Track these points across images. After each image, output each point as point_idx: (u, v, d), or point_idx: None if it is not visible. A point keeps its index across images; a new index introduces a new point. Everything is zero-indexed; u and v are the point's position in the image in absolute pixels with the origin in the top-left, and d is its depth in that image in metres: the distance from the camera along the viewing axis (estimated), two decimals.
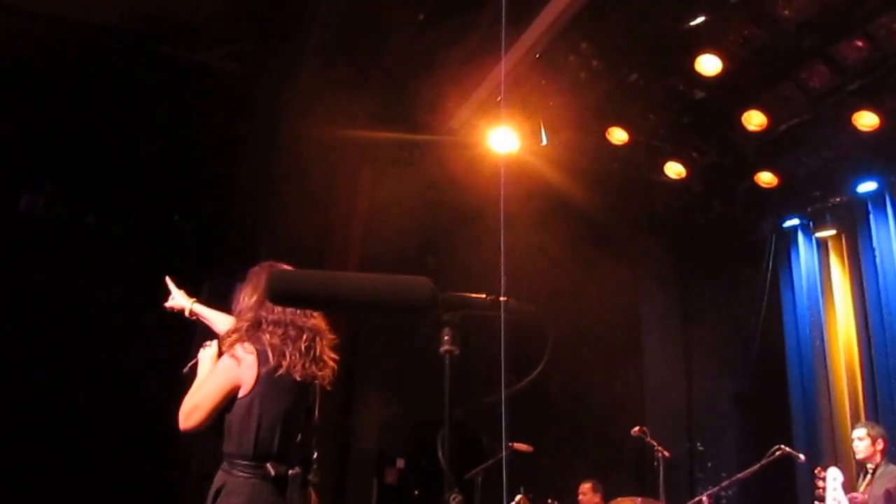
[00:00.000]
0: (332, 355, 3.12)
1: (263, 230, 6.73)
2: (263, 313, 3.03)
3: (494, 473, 7.64)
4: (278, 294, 1.49)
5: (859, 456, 5.42)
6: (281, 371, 2.93)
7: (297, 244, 6.20)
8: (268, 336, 2.98)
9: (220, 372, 2.95)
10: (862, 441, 5.39)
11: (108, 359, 6.65)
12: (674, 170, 7.91)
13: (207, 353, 3.11)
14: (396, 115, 7.16)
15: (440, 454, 1.44)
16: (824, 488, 4.27)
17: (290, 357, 2.96)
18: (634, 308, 9.39)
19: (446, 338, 1.54)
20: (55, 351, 6.54)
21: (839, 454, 6.70)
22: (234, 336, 3.03)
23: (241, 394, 2.93)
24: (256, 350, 2.96)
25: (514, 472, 7.68)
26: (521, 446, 6.92)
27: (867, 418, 7.03)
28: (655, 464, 5.94)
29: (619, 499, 6.67)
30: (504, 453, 3.45)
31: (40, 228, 6.74)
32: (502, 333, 1.92)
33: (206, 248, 7.36)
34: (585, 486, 7.60)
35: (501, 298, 1.59)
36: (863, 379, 7.26)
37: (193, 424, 2.92)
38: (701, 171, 7.90)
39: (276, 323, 3.00)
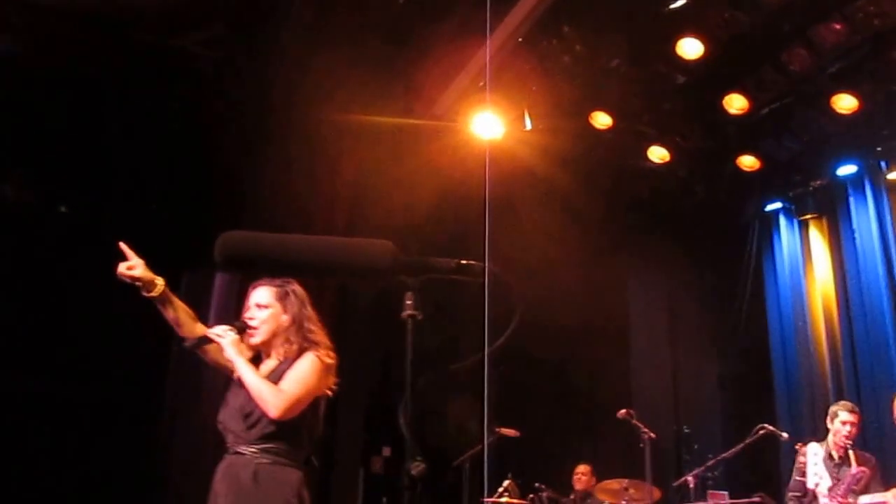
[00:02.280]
0: None
1: (245, 217, 6.68)
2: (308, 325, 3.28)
3: (482, 461, 7.66)
4: (227, 258, 1.46)
5: (848, 440, 5.16)
6: None
7: (280, 230, 6.16)
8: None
9: (320, 373, 3.18)
10: (855, 425, 5.25)
11: (84, 351, 6.60)
12: (657, 154, 7.92)
13: (229, 338, 3.16)
14: (379, 99, 7.12)
15: (401, 421, 1.43)
16: (805, 463, 4.29)
17: None
18: (620, 292, 9.40)
19: (408, 302, 1.53)
20: (29, 342, 6.48)
21: (820, 432, 6.74)
22: (313, 339, 3.26)
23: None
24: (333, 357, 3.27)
25: (502, 457, 7.70)
26: (507, 431, 6.94)
27: (848, 397, 7.08)
28: (642, 446, 5.95)
29: (606, 481, 6.71)
30: (486, 424, 3.49)
31: (11, 218, 6.66)
32: (486, 301, 1.93)
33: (184, 237, 7.31)
34: (583, 468, 7.60)
35: (466, 262, 1.59)
36: (843, 359, 7.32)
37: (291, 416, 3.08)
38: (684, 155, 7.92)
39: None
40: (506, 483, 7.12)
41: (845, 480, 4.54)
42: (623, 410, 6.11)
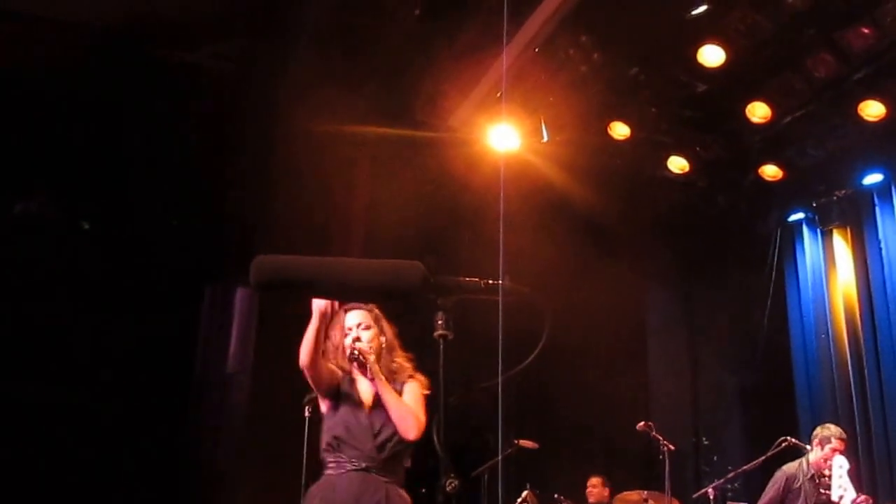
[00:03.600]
0: None
1: (261, 231, 6.70)
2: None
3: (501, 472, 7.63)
4: (264, 281, 1.46)
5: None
6: None
7: (296, 245, 6.19)
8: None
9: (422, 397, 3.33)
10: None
11: (107, 362, 6.65)
12: (677, 164, 7.86)
13: (373, 357, 3.36)
14: (394, 112, 7.12)
15: (436, 439, 1.42)
16: (830, 476, 4.24)
17: None
18: (639, 304, 9.35)
19: (440, 322, 1.52)
20: (54, 354, 6.54)
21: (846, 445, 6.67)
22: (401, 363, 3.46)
23: None
24: None
25: (521, 468, 7.66)
26: (526, 443, 6.91)
27: (872, 411, 7.00)
28: (661, 458, 5.91)
29: (625, 493, 6.65)
30: (500, 437, 3.50)
31: (34, 233, 6.73)
32: (500, 317, 1.91)
33: (204, 251, 7.35)
34: (595, 480, 7.57)
35: (494, 282, 1.57)
36: (868, 370, 7.23)
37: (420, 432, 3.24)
38: (704, 165, 7.85)
39: None
40: (524, 494, 7.10)
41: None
42: (642, 423, 6.07)
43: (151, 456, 6.95)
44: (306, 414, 4.64)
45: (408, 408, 3.23)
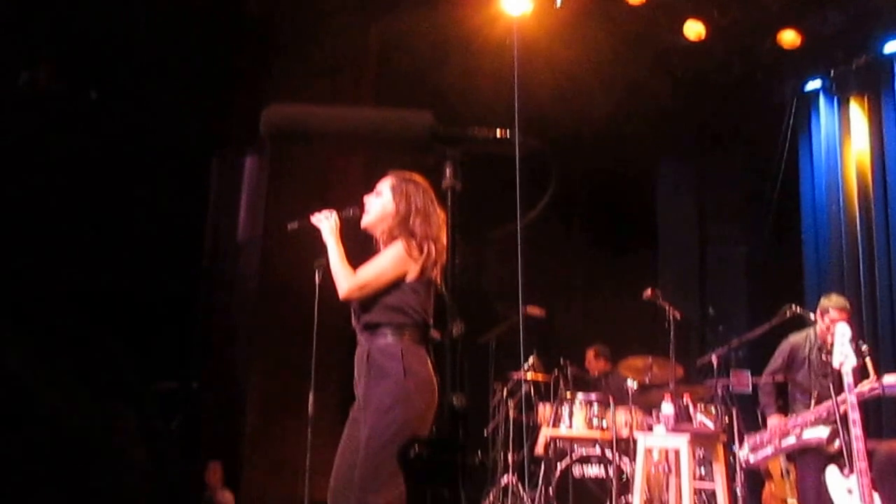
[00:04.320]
0: None
1: (269, 96, 6.63)
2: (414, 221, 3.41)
3: (507, 338, 7.81)
4: (273, 129, 1.45)
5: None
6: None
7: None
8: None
9: (399, 260, 3.33)
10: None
11: (116, 234, 6.71)
12: (693, 30, 7.64)
13: (328, 223, 3.46)
14: None
15: (444, 286, 1.44)
16: (832, 343, 4.31)
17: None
18: (649, 171, 9.32)
19: (448, 172, 1.52)
20: (62, 228, 6.59)
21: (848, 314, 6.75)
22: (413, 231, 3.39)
23: (410, 278, 3.35)
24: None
25: (527, 335, 7.83)
26: (533, 310, 7.02)
27: (879, 282, 7.06)
28: (667, 325, 6.00)
29: (630, 358, 6.80)
30: (520, 288, 3.55)
31: (43, 104, 6.67)
32: (517, 173, 1.91)
33: (212, 118, 7.29)
34: (592, 353, 7.75)
35: (503, 133, 1.55)
36: (877, 241, 7.24)
37: (357, 298, 3.34)
38: (721, 30, 7.64)
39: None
40: (531, 360, 7.28)
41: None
42: (649, 291, 6.11)
43: (164, 327, 7.11)
44: (317, 278, 4.71)
45: (340, 269, 3.36)
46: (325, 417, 5.11)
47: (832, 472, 4.09)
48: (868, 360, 4.88)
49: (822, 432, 4.68)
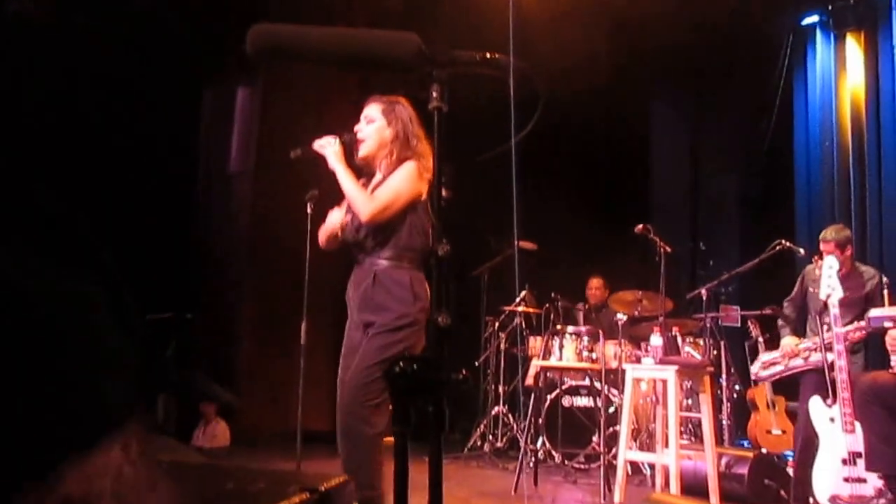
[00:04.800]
0: None
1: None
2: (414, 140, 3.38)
3: (500, 272, 7.86)
4: (259, 48, 1.45)
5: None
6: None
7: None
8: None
9: (415, 179, 3.32)
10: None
11: (107, 163, 6.67)
12: None
13: (332, 149, 3.38)
14: None
15: (430, 210, 1.45)
16: (820, 275, 4.35)
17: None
18: (644, 104, 9.26)
19: (434, 94, 1.51)
20: (52, 156, 6.55)
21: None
22: (417, 151, 3.38)
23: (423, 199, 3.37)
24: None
25: (520, 269, 7.88)
26: (525, 244, 7.06)
27: (869, 219, 7.09)
28: (657, 259, 6.03)
29: (621, 292, 6.87)
30: (514, 225, 3.53)
31: (29, 29, 6.55)
32: (511, 97, 1.90)
33: (203, 50, 7.19)
34: (597, 281, 7.82)
35: (491, 55, 1.55)
36: (869, 177, 7.26)
37: (381, 220, 3.29)
38: None
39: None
40: (523, 293, 7.34)
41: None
42: (640, 225, 6.13)
43: (157, 257, 7.11)
44: (308, 210, 4.73)
45: (358, 193, 3.30)
46: (318, 348, 5.17)
47: (815, 402, 4.17)
48: (886, 292, 4.90)
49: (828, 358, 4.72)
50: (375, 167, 3.45)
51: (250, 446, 7.05)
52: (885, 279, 5.04)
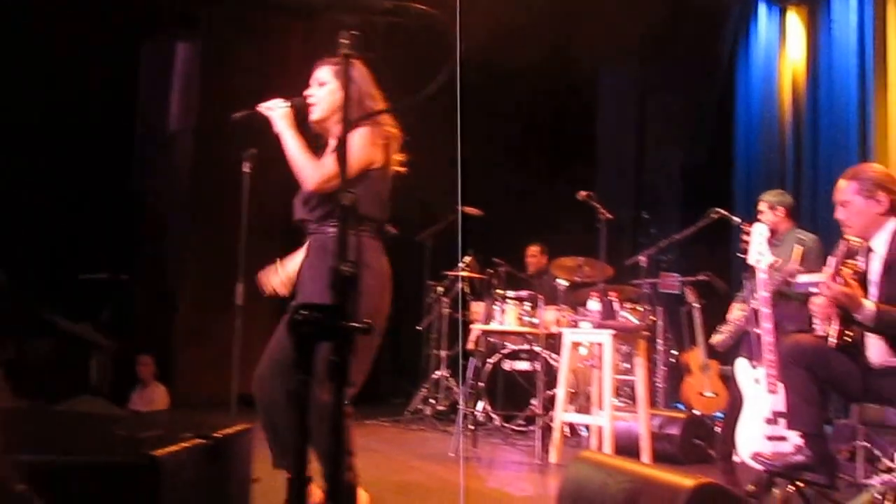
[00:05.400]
0: None
1: None
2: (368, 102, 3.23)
3: (444, 238, 7.86)
4: None
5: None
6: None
7: None
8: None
9: (366, 145, 3.18)
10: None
11: (45, 122, 6.52)
12: None
13: (280, 112, 3.24)
14: None
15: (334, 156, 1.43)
16: (748, 242, 4.42)
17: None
18: (594, 73, 9.29)
19: (344, 41, 1.50)
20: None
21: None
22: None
23: (376, 166, 3.24)
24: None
25: (463, 235, 7.88)
26: (470, 210, 7.06)
27: (804, 191, 7.23)
28: (598, 226, 6.09)
29: (562, 258, 6.92)
30: (459, 189, 3.53)
31: None
32: (458, 58, 1.88)
33: (140, 4, 7.00)
34: (535, 249, 7.87)
35: (401, 2, 1.53)
36: (804, 150, 7.41)
37: (327, 188, 3.14)
38: None
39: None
40: (466, 259, 7.37)
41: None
42: (583, 192, 6.17)
43: (93, 217, 6.98)
44: (246, 169, 4.66)
45: (304, 160, 3.18)
46: (255, 309, 5.10)
47: (741, 364, 4.26)
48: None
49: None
50: (331, 135, 3.33)
51: (189, 409, 7.00)
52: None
